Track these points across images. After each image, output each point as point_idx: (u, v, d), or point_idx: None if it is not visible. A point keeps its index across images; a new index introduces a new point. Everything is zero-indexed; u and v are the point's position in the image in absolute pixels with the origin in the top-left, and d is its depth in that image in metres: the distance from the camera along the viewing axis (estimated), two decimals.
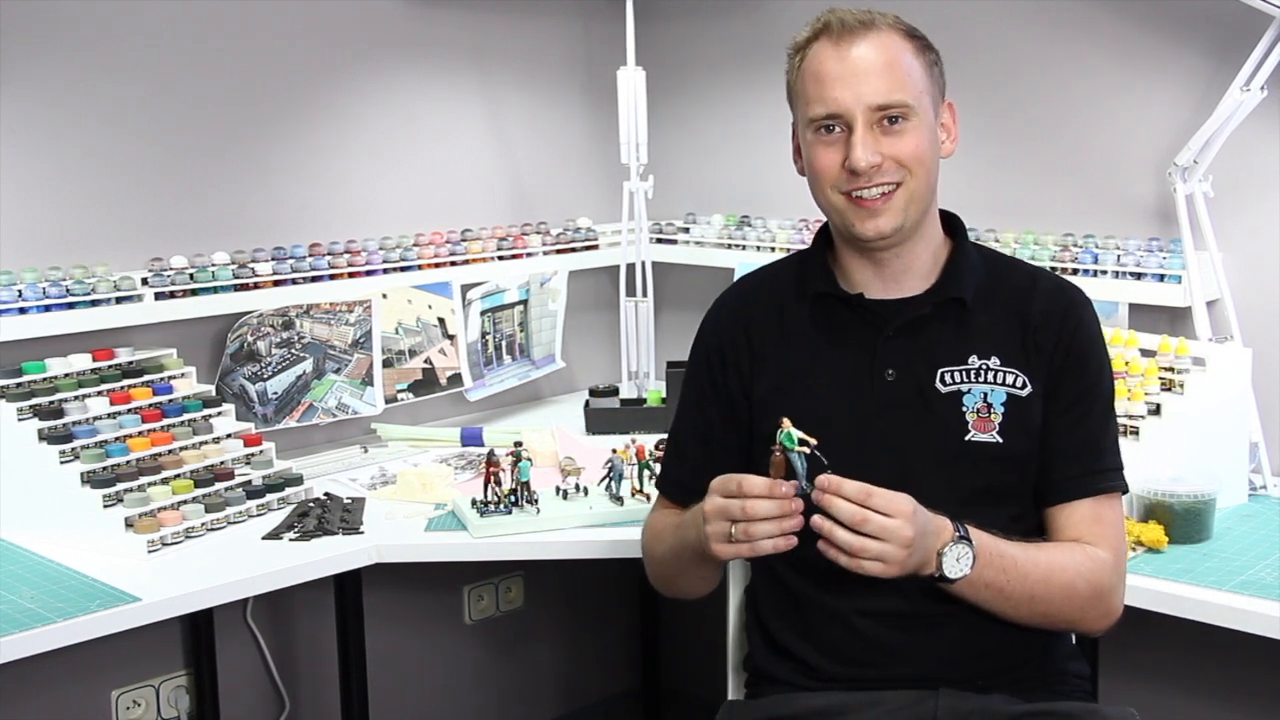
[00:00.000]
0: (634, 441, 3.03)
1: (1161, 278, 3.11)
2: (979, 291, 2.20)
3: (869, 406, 2.18)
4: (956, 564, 2.01)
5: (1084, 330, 2.19)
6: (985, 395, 2.14)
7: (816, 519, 1.94)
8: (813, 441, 1.98)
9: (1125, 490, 2.22)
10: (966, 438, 2.14)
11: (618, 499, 2.93)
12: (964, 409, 2.14)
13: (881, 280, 2.21)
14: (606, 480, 2.95)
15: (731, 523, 1.99)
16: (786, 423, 1.98)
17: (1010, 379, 2.14)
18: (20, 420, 2.80)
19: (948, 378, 2.15)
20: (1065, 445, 2.16)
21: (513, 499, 2.88)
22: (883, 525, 1.92)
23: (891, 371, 2.18)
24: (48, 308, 2.94)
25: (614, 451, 2.98)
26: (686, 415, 2.39)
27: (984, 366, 2.15)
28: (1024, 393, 2.14)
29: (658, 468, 2.96)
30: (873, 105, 2.09)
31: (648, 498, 2.92)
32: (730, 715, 2.30)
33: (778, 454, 1.98)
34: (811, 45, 2.16)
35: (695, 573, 2.28)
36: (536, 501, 2.89)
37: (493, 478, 2.88)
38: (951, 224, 2.28)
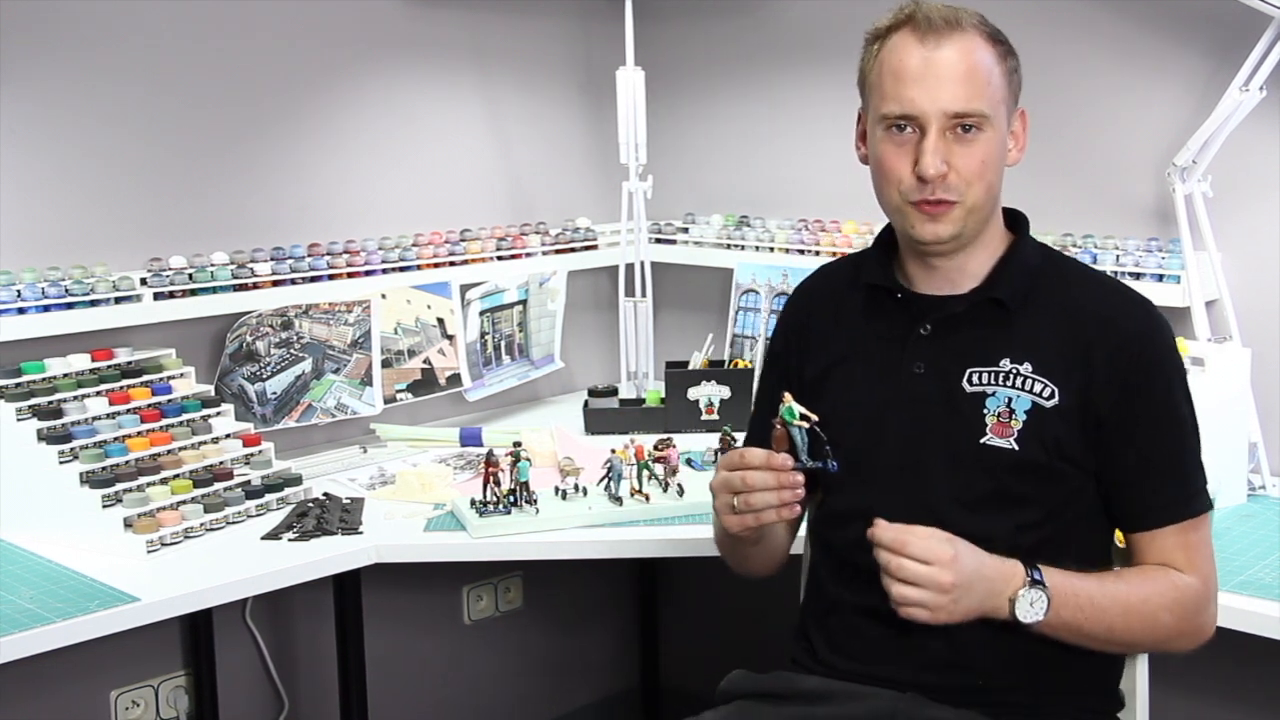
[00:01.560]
0: (633, 441, 3.03)
1: (1160, 278, 3.11)
2: (1026, 295, 2.15)
3: (893, 398, 2.18)
4: (1030, 609, 2.00)
5: (1154, 349, 2.11)
6: (1010, 400, 2.10)
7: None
8: (813, 417, 2.01)
9: (1211, 508, 2.15)
10: (982, 440, 2.11)
11: (616, 499, 2.93)
12: (985, 411, 2.11)
13: (933, 278, 2.19)
14: (605, 480, 2.95)
15: (734, 494, 2.03)
16: (788, 397, 2.02)
17: (1039, 388, 2.09)
18: (19, 420, 2.80)
19: (975, 378, 2.13)
20: (1146, 470, 2.10)
21: (512, 499, 2.88)
22: (917, 573, 1.94)
23: (920, 366, 2.17)
24: (47, 308, 2.93)
25: (613, 452, 2.98)
26: (760, 394, 2.44)
27: (1014, 371, 2.11)
28: (1049, 403, 2.09)
29: (658, 468, 2.98)
30: (950, 112, 2.05)
31: (647, 498, 2.93)
32: (732, 683, 2.31)
33: (778, 428, 2.02)
34: (892, 36, 2.10)
35: (740, 550, 2.31)
36: (535, 502, 2.89)
37: (492, 478, 2.88)
38: (1015, 223, 2.24)
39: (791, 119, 3.89)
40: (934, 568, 1.93)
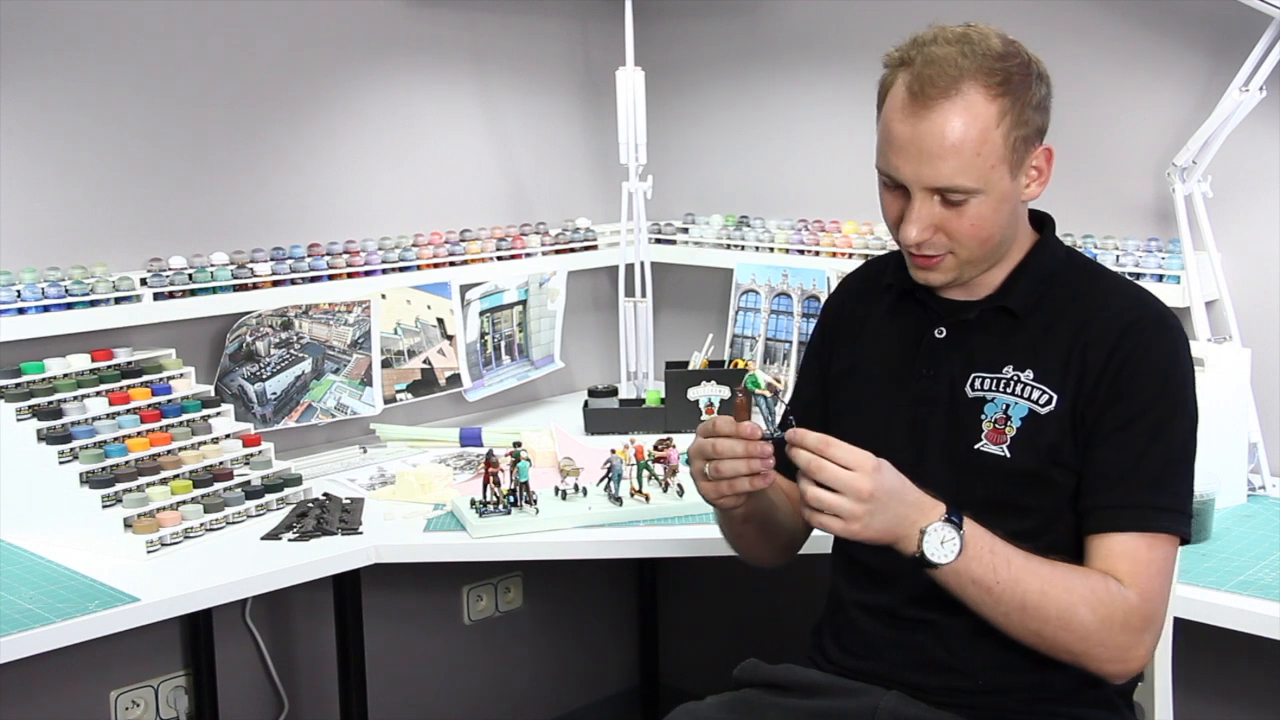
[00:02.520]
0: (633, 442, 3.03)
1: (1160, 278, 3.11)
2: (1037, 302, 2.13)
3: (899, 399, 2.18)
4: (940, 548, 1.93)
5: (1146, 353, 2.06)
6: (1007, 407, 2.09)
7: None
8: (779, 388, 2.03)
9: (1182, 536, 2.06)
10: (976, 446, 2.10)
11: (616, 499, 2.94)
12: (982, 417, 2.11)
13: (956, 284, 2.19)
14: (605, 480, 2.96)
15: (706, 461, 2.02)
16: (751, 365, 2.02)
17: (1037, 395, 2.08)
18: (19, 420, 2.80)
19: (978, 383, 2.12)
20: (1106, 471, 2.05)
21: (511, 499, 2.88)
22: (836, 475, 1.89)
23: (930, 370, 2.17)
24: (47, 308, 2.94)
25: (613, 452, 2.99)
26: (798, 386, 2.43)
27: (1015, 378, 2.10)
28: (1045, 410, 2.07)
29: (658, 468, 2.98)
30: (932, 187, 2.02)
31: (647, 498, 2.93)
32: (744, 671, 2.33)
33: (740, 396, 2.01)
34: (896, 78, 2.06)
35: (734, 529, 2.28)
36: (535, 502, 2.89)
37: (491, 478, 2.88)
38: (1040, 224, 2.22)
39: (791, 119, 3.89)
40: (855, 474, 1.89)
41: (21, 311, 2.91)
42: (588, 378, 4.06)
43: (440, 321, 3.58)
